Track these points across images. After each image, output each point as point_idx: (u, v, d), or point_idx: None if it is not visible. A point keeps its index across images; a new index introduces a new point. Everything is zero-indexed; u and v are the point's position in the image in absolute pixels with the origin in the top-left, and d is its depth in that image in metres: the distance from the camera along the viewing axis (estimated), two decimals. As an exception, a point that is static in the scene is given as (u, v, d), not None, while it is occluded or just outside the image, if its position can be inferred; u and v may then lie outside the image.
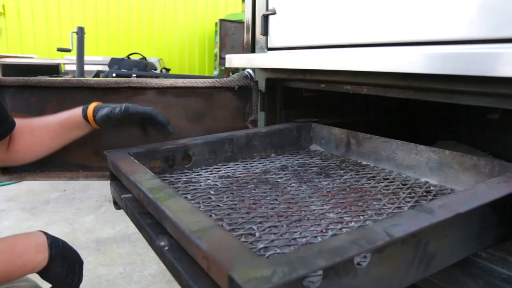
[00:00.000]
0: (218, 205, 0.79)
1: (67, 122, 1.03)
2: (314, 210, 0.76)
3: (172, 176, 0.97)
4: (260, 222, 0.70)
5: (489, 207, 0.61)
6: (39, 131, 1.03)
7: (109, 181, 0.96)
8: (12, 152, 1.01)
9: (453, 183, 0.88)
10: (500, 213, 0.63)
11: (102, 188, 3.36)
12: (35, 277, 0.87)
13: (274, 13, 1.26)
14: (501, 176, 0.73)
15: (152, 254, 0.71)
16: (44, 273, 0.83)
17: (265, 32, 1.30)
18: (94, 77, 3.47)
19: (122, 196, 0.85)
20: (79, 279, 0.89)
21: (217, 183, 0.93)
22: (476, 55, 0.69)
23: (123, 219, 2.66)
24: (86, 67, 3.47)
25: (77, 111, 1.03)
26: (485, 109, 0.87)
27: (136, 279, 2.07)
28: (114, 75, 3.41)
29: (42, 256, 0.81)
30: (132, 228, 0.80)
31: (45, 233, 0.86)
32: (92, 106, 1.03)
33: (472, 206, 0.58)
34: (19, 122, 1.01)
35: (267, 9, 1.28)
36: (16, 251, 0.79)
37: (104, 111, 1.01)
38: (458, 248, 0.60)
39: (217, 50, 5.61)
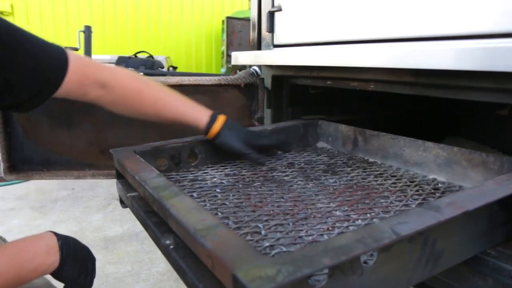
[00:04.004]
0: (224, 203, 0.79)
1: (186, 119, 0.98)
2: (321, 208, 0.76)
3: (178, 175, 0.97)
4: (266, 220, 0.70)
5: (498, 205, 0.60)
6: (149, 107, 0.96)
7: (115, 180, 0.96)
8: (113, 102, 0.93)
9: (462, 180, 0.87)
10: (509, 211, 0.63)
11: (110, 186, 3.37)
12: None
13: (280, 10, 1.25)
14: (510, 173, 0.72)
15: (159, 252, 0.70)
16: (56, 274, 0.82)
17: (271, 29, 1.30)
18: (101, 75, 3.47)
19: (128, 194, 0.85)
20: (92, 276, 0.89)
21: (223, 181, 0.93)
22: (485, 50, 0.68)
23: (131, 217, 2.66)
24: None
25: (201, 119, 0.98)
26: (493, 105, 0.86)
27: (144, 277, 2.07)
28: (121, 73, 3.41)
29: (53, 259, 0.80)
30: (139, 226, 0.80)
31: (56, 234, 0.84)
32: (219, 125, 0.98)
33: (481, 203, 0.57)
34: (129, 81, 0.94)
35: (272, 6, 1.28)
36: (27, 256, 0.78)
37: (229, 139, 0.98)
38: (466, 246, 0.60)
39: (224, 47, 5.61)
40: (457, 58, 0.72)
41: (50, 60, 0.83)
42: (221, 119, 0.99)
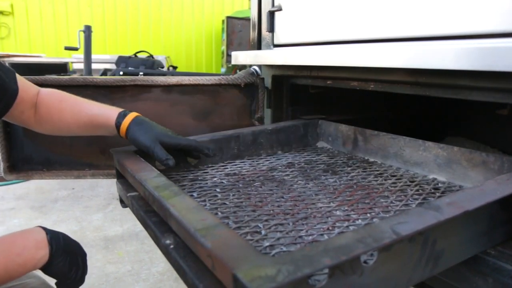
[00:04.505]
0: (224, 203, 0.79)
1: (98, 120, 0.97)
2: (321, 207, 0.76)
3: (178, 174, 0.97)
4: (266, 220, 0.70)
5: (498, 204, 0.60)
6: (67, 115, 0.98)
7: (115, 179, 0.96)
8: (37, 121, 0.98)
9: (462, 180, 0.87)
10: (509, 210, 0.63)
11: (110, 186, 3.38)
12: (42, 273, 0.87)
13: (280, 9, 1.25)
14: (511, 172, 0.72)
15: (159, 252, 0.70)
16: (46, 269, 0.82)
17: (271, 29, 1.30)
18: (101, 75, 3.48)
19: (128, 194, 0.85)
20: (84, 271, 0.89)
21: (223, 180, 0.93)
22: (485, 50, 0.68)
23: (131, 217, 2.66)
24: (94, 66, 3.48)
25: (112, 116, 0.96)
26: (494, 104, 0.86)
27: (144, 276, 2.07)
28: (121, 73, 3.42)
29: (42, 253, 0.80)
30: (140, 226, 0.80)
31: (45, 229, 0.84)
32: (128, 120, 0.95)
33: (481, 203, 0.57)
34: (52, 96, 0.99)
35: (273, 5, 1.28)
36: (15, 250, 0.77)
37: (137, 135, 0.92)
38: (466, 246, 0.60)
39: (224, 47, 5.61)
40: (457, 58, 0.72)
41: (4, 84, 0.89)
42: (131, 115, 0.96)
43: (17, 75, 0.94)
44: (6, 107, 0.91)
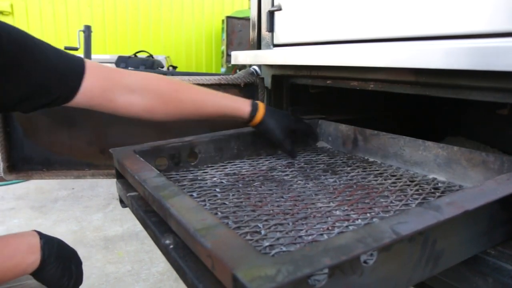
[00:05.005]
0: (224, 203, 0.79)
1: (226, 111, 0.99)
2: (321, 207, 0.75)
3: (178, 174, 0.97)
4: (266, 220, 0.70)
5: (498, 204, 0.60)
6: (188, 106, 0.96)
7: (115, 179, 0.96)
8: (147, 110, 0.91)
9: (462, 180, 0.87)
10: (509, 210, 0.62)
11: (110, 186, 3.38)
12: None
13: (279, 9, 1.25)
14: (511, 172, 0.72)
15: (159, 252, 0.70)
16: (37, 275, 0.79)
17: (271, 29, 1.30)
18: (101, 75, 3.47)
19: (128, 194, 0.85)
20: (77, 280, 0.85)
21: (223, 180, 0.93)
22: (485, 49, 0.68)
23: (131, 217, 2.66)
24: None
25: (243, 108, 1.00)
26: (494, 104, 0.86)
27: (144, 276, 2.07)
28: (121, 73, 3.41)
29: (33, 258, 0.77)
30: (140, 226, 0.80)
31: (39, 233, 0.82)
32: (261, 112, 1.01)
33: (481, 203, 0.57)
34: (162, 83, 0.93)
35: (272, 5, 1.28)
36: (7, 253, 0.75)
37: (271, 127, 1.02)
38: (466, 246, 0.60)
39: (224, 47, 5.60)
40: (457, 58, 0.72)
41: (65, 68, 0.81)
42: (262, 107, 1.02)
43: (92, 62, 0.86)
44: (71, 93, 0.82)
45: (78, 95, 0.82)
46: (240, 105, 1.00)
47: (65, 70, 0.80)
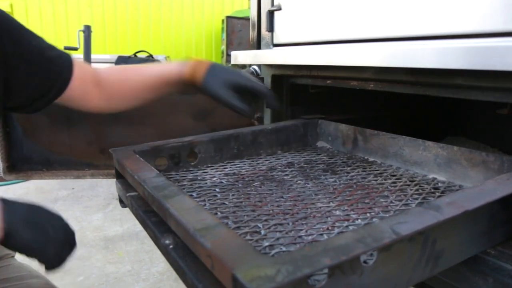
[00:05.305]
0: (224, 203, 0.79)
1: (167, 76, 0.99)
2: (320, 207, 0.75)
3: (177, 174, 0.97)
4: (266, 220, 0.70)
5: (498, 204, 0.60)
6: (134, 81, 1.00)
7: (115, 179, 0.96)
8: (106, 98, 0.99)
9: (462, 180, 0.87)
10: (510, 210, 0.62)
11: (110, 186, 3.38)
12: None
13: (279, 9, 1.25)
14: (511, 172, 0.72)
15: (159, 252, 0.69)
16: (6, 244, 0.71)
17: (271, 28, 1.30)
18: (101, 75, 3.47)
19: (128, 194, 0.85)
20: (56, 242, 0.75)
21: (223, 180, 0.93)
22: (485, 49, 0.68)
23: (131, 217, 2.66)
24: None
25: (183, 69, 0.97)
26: (494, 104, 0.86)
27: (144, 276, 2.07)
28: (121, 73, 3.41)
29: None
30: (139, 226, 0.80)
31: (3, 200, 0.72)
32: (202, 68, 0.96)
33: (481, 203, 0.57)
34: (113, 70, 1.01)
35: (272, 5, 1.28)
36: None
37: (214, 86, 0.95)
38: (466, 246, 0.59)
39: (224, 47, 5.61)
40: (457, 57, 0.72)
41: (56, 64, 0.88)
42: (205, 64, 0.97)
43: (74, 58, 0.94)
44: (62, 87, 0.89)
45: (63, 93, 0.89)
46: (182, 68, 0.98)
47: (56, 68, 0.89)
